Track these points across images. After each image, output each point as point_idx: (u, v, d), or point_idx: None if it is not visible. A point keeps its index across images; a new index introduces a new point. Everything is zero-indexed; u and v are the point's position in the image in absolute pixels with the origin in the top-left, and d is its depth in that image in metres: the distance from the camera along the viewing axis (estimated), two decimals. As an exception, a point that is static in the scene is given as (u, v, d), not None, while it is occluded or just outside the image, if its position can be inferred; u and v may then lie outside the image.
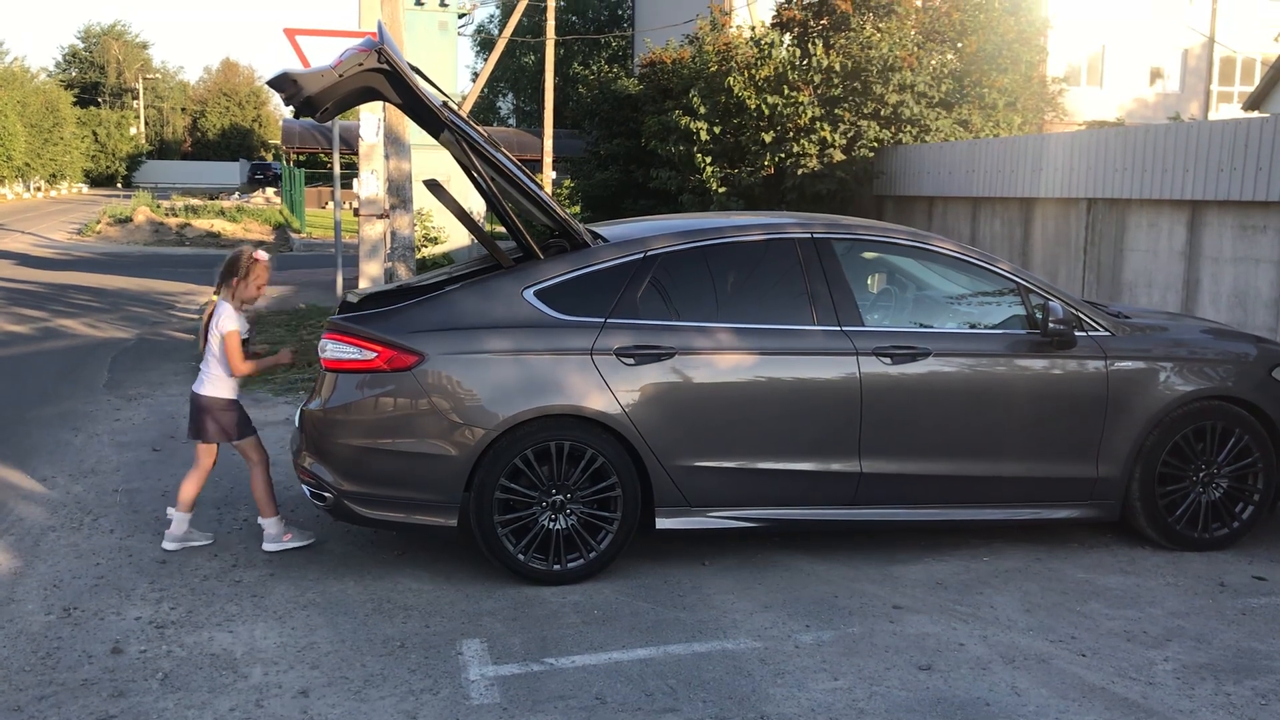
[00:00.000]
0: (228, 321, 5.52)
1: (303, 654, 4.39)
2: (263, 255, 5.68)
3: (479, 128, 5.43)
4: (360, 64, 4.84)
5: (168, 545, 5.58)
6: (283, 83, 4.94)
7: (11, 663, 4.26)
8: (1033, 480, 5.59)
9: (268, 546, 5.58)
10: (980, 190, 12.12)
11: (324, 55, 10.68)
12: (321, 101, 5.04)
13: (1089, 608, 5.00)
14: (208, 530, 5.80)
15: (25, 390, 9.56)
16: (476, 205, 18.17)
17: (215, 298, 5.66)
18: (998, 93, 14.59)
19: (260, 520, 5.65)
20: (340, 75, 4.86)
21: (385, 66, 4.85)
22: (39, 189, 59.40)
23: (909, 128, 14.21)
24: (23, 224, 34.23)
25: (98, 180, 71.59)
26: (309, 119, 5.31)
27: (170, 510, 5.69)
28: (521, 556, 5.10)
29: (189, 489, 5.63)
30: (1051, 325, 5.48)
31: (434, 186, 5.69)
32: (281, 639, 4.52)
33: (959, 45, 15.26)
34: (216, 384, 5.57)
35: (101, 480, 6.78)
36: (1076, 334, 5.59)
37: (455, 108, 5.29)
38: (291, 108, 5.22)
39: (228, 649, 4.42)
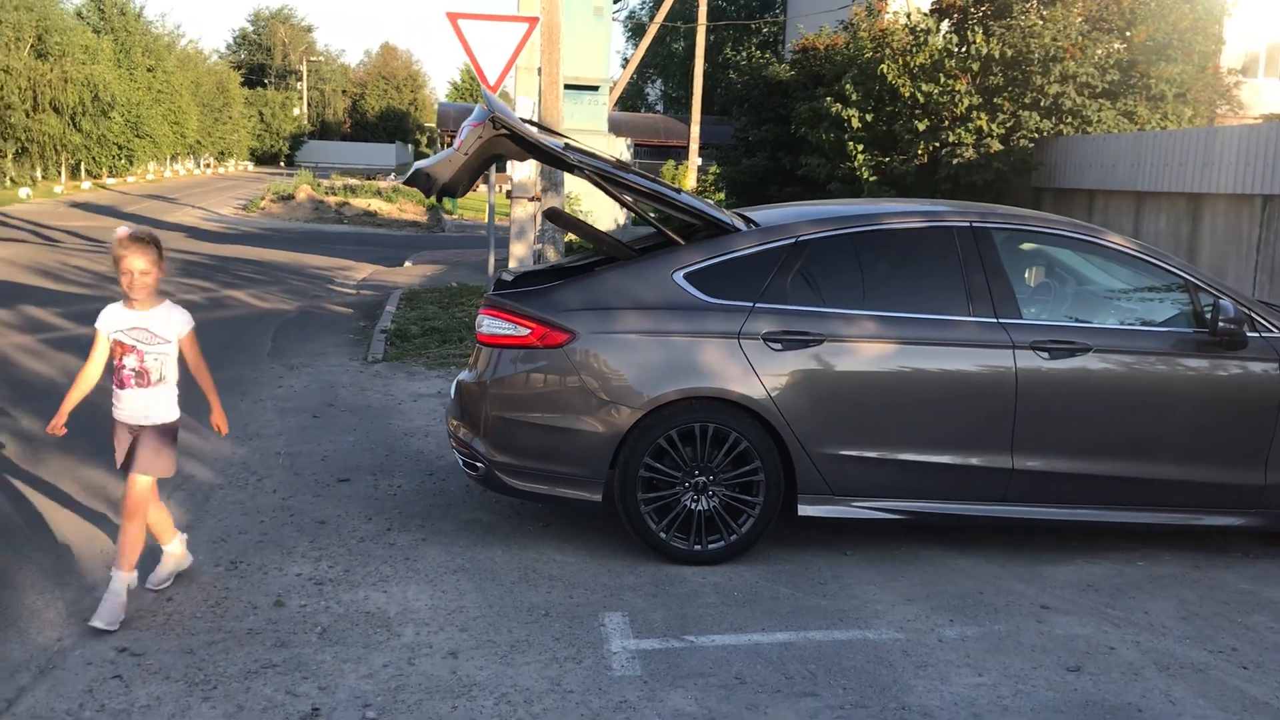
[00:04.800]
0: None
1: (452, 617, 4.54)
2: (121, 231, 4.52)
3: (605, 155, 5.57)
4: (480, 137, 5.10)
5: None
6: (418, 179, 5.27)
7: (185, 609, 4.53)
8: (1193, 485, 5.37)
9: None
10: (1145, 185, 11.66)
11: (484, 39, 10.93)
12: (458, 181, 5.34)
13: (1252, 620, 4.79)
14: (362, 495, 6.05)
15: (196, 355, 10.06)
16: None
17: None
18: (1166, 84, 13.98)
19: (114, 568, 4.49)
20: (465, 154, 5.15)
21: (503, 131, 5.08)
22: (208, 166, 62.36)
23: (1070, 118, 13.75)
24: (193, 199, 35.98)
25: (262, 158, 74.79)
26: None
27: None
28: (663, 535, 5.15)
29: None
30: (1221, 324, 5.25)
31: (554, 215, 6.07)
32: (432, 601, 4.68)
33: (1127, 34, 14.66)
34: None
35: (265, 443, 7.11)
36: (1248, 334, 5.35)
37: (579, 146, 5.50)
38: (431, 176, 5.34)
39: (381, 608, 4.60)
